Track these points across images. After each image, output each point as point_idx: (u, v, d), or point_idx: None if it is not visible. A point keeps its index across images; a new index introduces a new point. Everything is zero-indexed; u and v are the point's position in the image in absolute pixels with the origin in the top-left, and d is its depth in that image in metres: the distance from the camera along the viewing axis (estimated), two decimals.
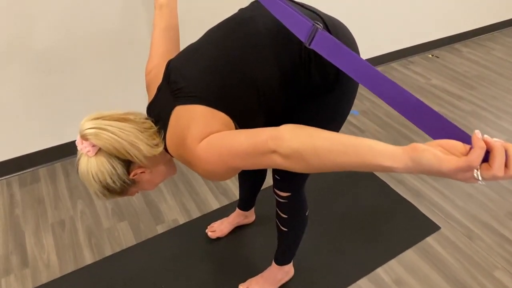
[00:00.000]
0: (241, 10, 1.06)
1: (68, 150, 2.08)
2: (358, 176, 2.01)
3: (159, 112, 0.98)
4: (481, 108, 2.58)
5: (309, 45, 0.77)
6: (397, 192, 1.93)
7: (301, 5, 1.05)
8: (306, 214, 1.31)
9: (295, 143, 0.69)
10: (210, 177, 0.90)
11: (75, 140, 0.93)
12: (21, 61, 1.72)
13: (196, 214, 1.80)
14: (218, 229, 1.68)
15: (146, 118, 1.00)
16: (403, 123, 2.40)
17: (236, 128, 0.94)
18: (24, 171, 2.02)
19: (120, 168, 0.93)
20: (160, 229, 1.73)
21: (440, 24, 3.23)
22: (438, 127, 0.61)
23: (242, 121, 0.94)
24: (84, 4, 1.71)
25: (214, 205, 1.85)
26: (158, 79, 1.03)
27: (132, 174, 0.95)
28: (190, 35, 1.34)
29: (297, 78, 0.96)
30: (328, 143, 0.66)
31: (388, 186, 1.97)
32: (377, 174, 2.03)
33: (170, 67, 1.00)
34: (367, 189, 1.95)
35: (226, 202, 1.86)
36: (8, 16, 1.60)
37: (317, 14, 0.99)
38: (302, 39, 0.78)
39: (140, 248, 1.64)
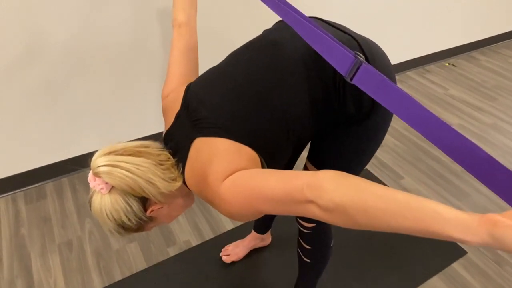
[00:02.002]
0: (266, 31, 0.98)
1: (75, 165, 2.00)
2: None
3: (177, 143, 0.90)
4: (502, 121, 2.48)
5: (351, 80, 0.69)
6: None
7: (330, 24, 0.97)
8: (331, 245, 1.22)
9: (339, 196, 0.60)
10: (233, 218, 0.82)
11: (83, 154, 0.85)
12: (28, 74, 1.65)
13: (209, 235, 1.72)
14: (233, 252, 1.60)
15: (162, 149, 0.92)
16: (421, 137, 2.31)
17: (263, 163, 0.86)
18: (30, 187, 1.95)
19: (135, 205, 0.85)
20: (172, 252, 1.65)
21: (456, 32, 3.13)
22: None
23: (269, 155, 0.86)
24: (95, 16, 1.64)
25: (228, 225, 1.76)
26: (176, 104, 0.95)
27: (149, 211, 0.87)
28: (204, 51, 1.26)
29: (329, 107, 0.88)
30: (381, 202, 0.57)
31: None
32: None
33: (190, 92, 0.92)
34: None
35: (241, 222, 1.78)
36: (17, 29, 1.52)
37: (351, 36, 0.91)
38: (342, 73, 0.70)
39: (151, 273, 1.56)
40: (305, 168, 1.09)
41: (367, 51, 0.88)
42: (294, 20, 0.79)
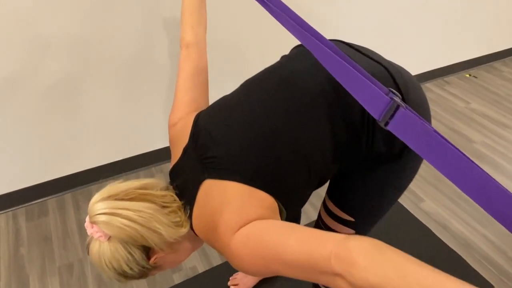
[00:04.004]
0: (285, 58, 0.88)
1: (79, 180, 1.92)
2: (396, 218, 1.80)
3: (184, 182, 0.81)
4: None
5: (386, 126, 0.58)
6: (441, 240, 1.72)
7: (354, 48, 0.87)
8: None
9: (375, 276, 0.49)
10: (246, 273, 0.72)
11: (87, 170, 0.76)
12: (30, 87, 1.57)
13: (217, 261, 1.62)
14: (242, 282, 1.50)
15: (167, 188, 0.82)
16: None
17: (281, 209, 0.76)
18: (32, 202, 1.87)
19: (138, 254, 0.76)
20: (177, 278, 1.55)
21: (477, 42, 2.99)
22: None
23: (287, 199, 0.76)
24: (97, 28, 1.55)
25: None
26: (184, 135, 0.86)
27: (152, 259, 0.78)
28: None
29: (356, 146, 0.78)
30: (428, 284, 0.47)
31: (430, 231, 1.76)
32: (417, 216, 1.83)
33: (199, 125, 0.83)
34: (406, 233, 1.74)
35: None
36: (16, 41, 1.44)
37: (381, 64, 0.81)
38: (375, 116, 0.59)
39: None
40: (324, 204, 0.98)
41: (401, 83, 0.77)
42: (315, 48, 0.69)
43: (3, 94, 1.53)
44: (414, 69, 2.79)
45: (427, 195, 1.94)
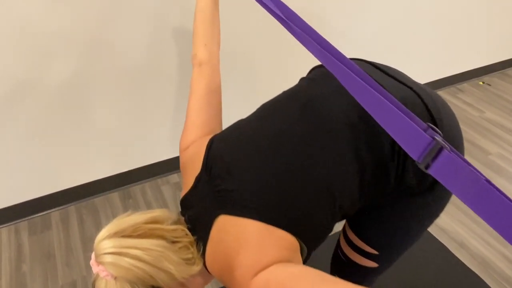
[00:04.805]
0: (305, 81, 0.81)
1: (83, 193, 1.87)
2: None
3: (197, 215, 0.75)
4: None
5: (427, 169, 0.52)
6: (458, 258, 1.65)
7: (378, 68, 0.80)
8: None
9: None
10: None
11: (91, 182, 0.71)
12: (35, 97, 1.51)
13: None
14: None
15: (178, 221, 0.76)
16: None
17: (302, 248, 0.70)
18: (35, 215, 1.82)
19: None
20: None
21: (490, 48, 2.92)
22: None
23: (309, 237, 0.70)
24: (107, 39, 1.50)
25: None
26: (196, 162, 0.80)
27: None
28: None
29: (385, 180, 0.71)
30: None
31: (447, 249, 1.69)
32: (433, 233, 1.76)
33: (213, 152, 0.76)
34: (422, 251, 1.67)
35: None
36: (21, 50, 1.39)
37: (411, 89, 0.74)
38: (414, 157, 0.53)
39: None
40: (344, 233, 0.92)
41: (434, 112, 0.71)
42: (342, 74, 0.62)
43: (5, 105, 1.48)
44: (426, 76, 2.72)
45: (443, 211, 1.87)
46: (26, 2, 1.31)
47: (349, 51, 2.16)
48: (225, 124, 0.89)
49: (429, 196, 0.75)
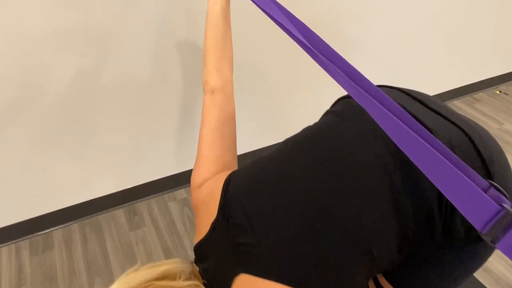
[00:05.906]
0: (333, 117, 0.72)
1: (86, 210, 1.80)
2: None
3: (213, 269, 0.66)
4: None
5: (494, 243, 0.43)
6: (482, 284, 1.56)
7: (419, 100, 0.71)
8: None
9: None
10: None
11: (95, 198, 0.63)
12: (37, 110, 1.44)
13: None
14: None
15: (192, 274, 0.68)
16: None
17: None
18: (37, 234, 1.74)
19: None
20: None
21: (507, 56, 2.81)
22: None
23: None
24: (111, 51, 1.42)
25: None
26: (211, 204, 0.71)
27: None
28: None
29: (430, 234, 0.62)
30: None
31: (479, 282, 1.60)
32: None
33: (231, 195, 0.68)
34: None
35: None
36: (22, 62, 1.31)
37: (455, 124, 0.65)
38: (477, 227, 0.44)
39: None
40: (375, 280, 0.83)
41: (484, 153, 0.61)
42: (378, 113, 0.54)
43: (5, 119, 1.41)
44: (442, 86, 2.63)
45: None
46: (30, 11, 1.24)
47: (362, 60, 2.07)
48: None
49: (476, 246, 0.66)
